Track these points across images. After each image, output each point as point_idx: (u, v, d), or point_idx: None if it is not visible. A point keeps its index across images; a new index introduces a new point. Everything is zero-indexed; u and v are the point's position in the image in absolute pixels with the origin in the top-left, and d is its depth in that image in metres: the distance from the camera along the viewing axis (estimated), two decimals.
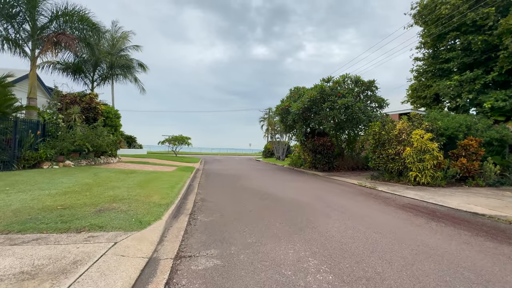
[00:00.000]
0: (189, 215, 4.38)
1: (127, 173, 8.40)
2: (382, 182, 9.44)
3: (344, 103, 11.76)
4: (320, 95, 12.39)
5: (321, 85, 12.58)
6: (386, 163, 9.41)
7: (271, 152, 29.85)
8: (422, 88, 13.50)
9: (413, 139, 8.49)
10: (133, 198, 4.59)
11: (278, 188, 7.69)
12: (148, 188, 5.69)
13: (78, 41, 10.51)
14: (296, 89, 15.09)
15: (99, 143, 10.14)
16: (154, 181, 6.95)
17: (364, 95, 13.66)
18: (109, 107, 12.18)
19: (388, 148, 9.28)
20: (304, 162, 15.33)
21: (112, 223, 3.27)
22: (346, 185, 8.97)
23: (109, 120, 11.78)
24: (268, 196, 6.20)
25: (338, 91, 12.60)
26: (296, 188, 7.90)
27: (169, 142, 22.06)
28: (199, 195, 6.20)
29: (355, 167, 14.28)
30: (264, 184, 8.40)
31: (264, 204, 5.32)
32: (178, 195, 5.47)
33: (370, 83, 13.00)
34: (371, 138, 10.18)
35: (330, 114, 12.06)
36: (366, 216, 4.55)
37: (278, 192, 6.81)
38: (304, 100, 12.52)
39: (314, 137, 13.69)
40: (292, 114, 13.44)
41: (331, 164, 13.73)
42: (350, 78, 13.47)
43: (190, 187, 7.38)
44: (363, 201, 5.99)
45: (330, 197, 6.42)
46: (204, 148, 57.89)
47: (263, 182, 8.95)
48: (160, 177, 7.94)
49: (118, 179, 6.73)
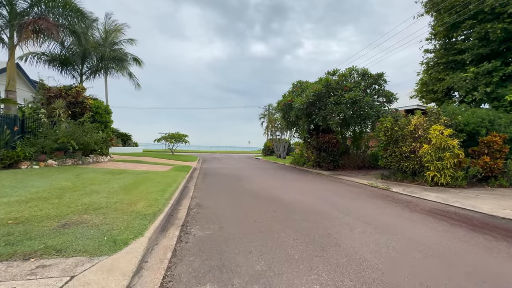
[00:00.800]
0: (181, 227, 3.57)
1: (115, 173, 7.56)
2: (394, 182, 8.70)
3: (351, 97, 10.95)
4: (325, 89, 11.58)
5: (326, 78, 11.76)
6: (399, 161, 8.66)
7: (271, 150, 29.07)
8: (433, 82, 12.71)
9: (431, 136, 7.72)
10: (113, 206, 3.77)
11: (283, 190, 6.90)
12: (134, 193, 4.87)
13: (63, 28, 9.58)
14: (299, 83, 14.26)
15: (86, 141, 9.27)
16: (144, 183, 6.13)
17: (372, 89, 12.86)
18: (99, 102, 11.30)
19: (402, 146, 8.52)
20: (308, 160, 14.56)
21: (75, 245, 2.46)
22: (356, 186, 8.21)
23: (98, 115, 10.89)
24: (273, 200, 5.41)
25: (344, 84, 11.79)
26: (303, 189, 7.12)
27: (166, 140, 21.19)
28: (194, 200, 5.40)
29: (361, 166, 13.54)
30: (267, 185, 7.61)
31: (270, 211, 4.53)
32: (170, 201, 4.66)
33: (379, 76, 12.20)
34: (382, 134, 9.41)
35: (336, 109, 11.26)
36: (394, 227, 3.77)
37: (284, 195, 6.02)
38: (308, 94, 11.70)
39: (319, 134, 12.90)
40: (295, 110, 12.63)
41: (336, 162, 12.97)
42: (356, 71, 12.65)
43: (185, 190, 6.58)
44: (383, 206, 5.22)
45: (344, 201, 5.64)
46: (202, 146, 57.00)
47: (266, 183, 8.16)
48: (151, 178, 7.12)
49: (102, 181, 5.90)
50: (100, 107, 11.05)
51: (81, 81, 13.20)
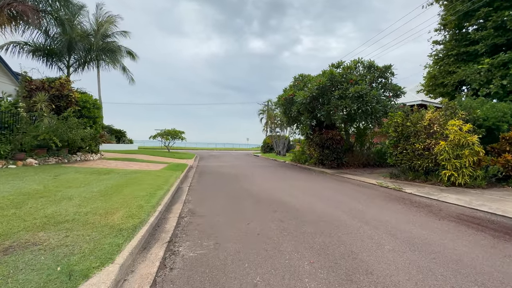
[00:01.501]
0: (167, 243, 2.88)
1: (100, 173, 6.82)
2: (405, 182, 8.07)
3: (357, 91, 10.25)
4: (330, 82, 10.86)
5: (331, 70, 11.03)
6: (411, 159, 8.01)
7: (270, 147, 28.39)
8: (442, 75, 12.04)
9: (448, 131, 7.07)
10: (82, 218, 3.05)
11: (287, 191, 6.22)
12: (116, 198, 4.15)
13: (44, 14, 8.71)
14: (301, 77, 13.51)
15: (72, 137, 8.48)
16: (131, 185, 5.41)
17: (378, 82, 12.17)
18: (87, 96, 10.48)
19: (415, 142, 7.86)
20: (310, 158, 13.90)
21: (10, 284, 1.75)
22: (365, 186, 7.56)
23: (86, 110, 10.07)
24: (277, 205, 4.72)
25: (349, 77, 11.07)
26: (309, 191, 6.45)
27: (161, 136, 20.39)
28: (187, 205, 4.70)
29: (366, 164, 12.90)
30: (269, 186, 6.93)
31: (275, 219, 3.85)
32: (158, 207, 3.95)
33: (386, 68, 11.49)
34: (391, 130, 8.74)
35: (341, 103, 10.56)
36: (428, 241, 3.11)
37: (289, 198, 5.34)
38: (311, 87, 10.97)
39: (322, 130, 12.22)
40: (297, 104, 11.91)
41: (340, 160, 12.31)
42: (362, 63, 11.93)
43: (177, 192, 5.87)
44: (403, 211, 4.56)
45: (357, 205, 4.97)
46: (200, 143, 56.13)
47: (268, 183, 7.48)
48: (141, 179, 6.40)
49: (81, 184, 5.17)
50: (88, 101, 10.23)
51: (68, 74, 12.31)
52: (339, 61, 11.85)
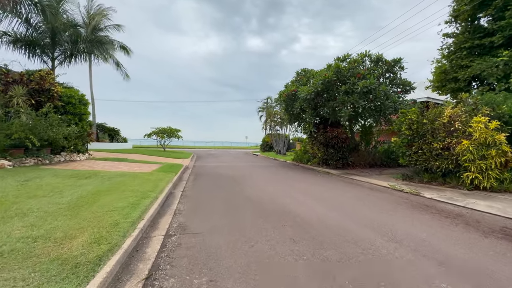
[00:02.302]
0: (144, 282, 2.09)
1: (81, 177, 6.00)
2: (420, 185, 7.36)
3: (365, 86, 9.50)
4: (336, 76, 10.09)
5: (337, 64, 10.25)
6: (427, 160, 7.30)
7: (269, 146, 27.63)
8: (454, 69, 11.33)
9: (472, 129, 6.35)
10: (27, 247, 2.24)
11: (294, 197, 5.46)
12: (86, 213, 3.34)
13: None
14: (304, 72, 12.72)
15: (52, 136, 7.63)
16: (112, 192, 4.60)
17: (386, 77, 11.43)
18: (72, 90, 9.59)
19: (432, 141, 7.14)
20: (313, 157, 13.16)
21: None
22: (378, 190, 6.83)
23: (70, 106, 9.19)
24: (286, 217, 3.96)
25: (357, 71, 10.31)
26: (318, 196, 5.69)
27: (156, 135, 19.51)
28: (178, 217, 3.92)
29: (373, 164, 12.19)
30: (272, 190, 6.16)
31: (286, 238, 3.09)
32: (138, 224, 3.17)
33: (395, 62, 10.75)
34: (405, 128, 8.02)
35: (347, 99, 9.80)
36: (498, 277, 2.36)
37: (298, 207, 4.58)
38: (316, 82, 10.19)
39: (327, 128, 11.46)
40: (300, 100, 11.13)
41: (345, 160, 11.59)
42: (369, 56, 11.17)
43: (168, 199, 5.07)
44: (437, 225, 3.81)
45: (378, 215, 4.22)
46: (198, 142, 55.20)
47: (270, 186, 6.71)
48: (126, 184, 5.59)
49: (51, 191, 4.35)
50: (73, 96, 9.34)
51: (52, 67, 11.38)
52: (345, 54, 11.07)
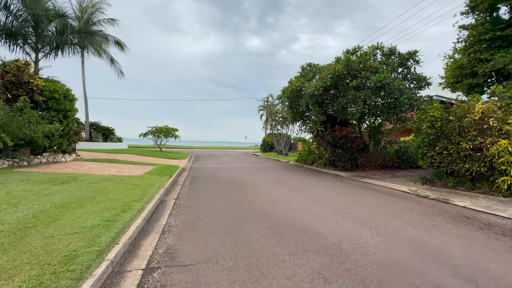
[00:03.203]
0: None
1: (56, 182, 5.11)
2: (445, 190, 6.54)
3: (379, 80, 8.66)
4: (346, 70, 9.24)
5: (347, 57, 9.40)
6: (454, 162, 6.46)
7: (270, 146, 26.78)
8: (472, 64, 10.52)
9: (510, 127, 5.52)
10: None
11: (309, 207, 4.60)
12: (33, 239, 2.47)
13: None
14: (310, 66, 11.88)
15: (29, 134, 6.73)
16: (86, 204, 3.72)
17: (399, 72, 10.61)
18: (56, 84, 8.69)
19: (460, 141, 6.31)
20: (318, 158, 12.31)
21: None
22: (400, 196, 5.99)
23: (53, 101, 8.27)
24: (305, 237, 3.10)
25: (369, 64, 9.47)
26: (337, 206, 4.84)
27: (152, 134, 18.60)
28: (166, 238, 3.05)
29: (383, 165, 11.36)
30: (282, 198, 5.30)
31: (313, 275, 2.24)
32: (107, 254, 2.30)
33: (410, 55, 9.92)
34: (426, 126, 7.19)
35: (359, 95, 8.96)
36: None
37: (318, 222, 3.72)
38: (324, 76, 9.34)
39: (335, 127, 10.62)
40: (306, 97, 10.28)
41: (355, 161, 10.75)
42: (382, 49, 10.34)
43: (157, 211, 4.20)
44: (503, 250, 2.97)
45: (422, 234, 3.38)
46: (196, 142, 54.23)
47: (278, 192, 5.84)
48: (108, 190, 4.71)
49: (9, 202, 3.47)
50: (57, 91, 8.42)
51: (36, 59, 10.44)
52: (356, 47, 10.22)
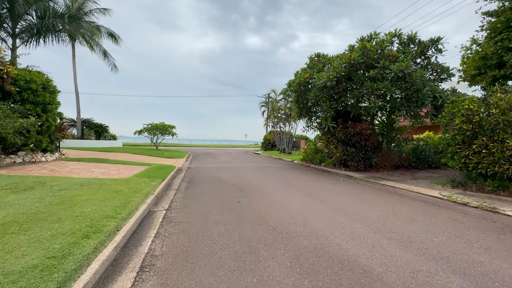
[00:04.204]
0: None
1: (17, 189, 4.10)
2: (483, 195, 5.59)
3: (400, 70, 7.67)
4: (363, 58, 8.22)
5: (363, 44, 8.38)
6: (497, 162, 5.49)
7: (271, 144, 25.80)
8: (499, 53, 9.50)
9: None
10: None
11: (335, 221, 3.62)
12: None
13: None
14: (318, 56, 10.85)
15: None
16: (33, 225, 2.72)
17: (417, 62, 9.61)
18: (34, 74, 7.64)
19: (506, 138, 5.33)
20: (327, 157, 11.32)
21: None
22: (435, 204, 5.02)
23: (30, 93, 7.22)
24: (351, 278, 2.11)
25: (388, 53, 8.47)
26: (367, 218, 3.85)
27: (148, 131, 17.54)
28: (146, 284, 2.04)
29: (399, 165, 10.40)
30: (299, 209, 4.31)
31: None
32: None
33: (433, 43, 8.92)
34: (459, 121, 6.20)
35: (376, 87, 7.95)
36: None
37: (356, 245, 2.74)
38: (337, 66, 8.31)
39: (347, 123, 9.62)
40: (316, 90, 9.28)
41: (368, 161, 9.77)
42: (400, 36, 9.31)
43: (140, 229, 3.19)
44: None
45: (501, 264, 2.39)
46: (195, 140, 53.10)
47: (294, 202, 4.85)
48: (78, 200, 3.70)
49: None
50: (34, 81, 7.37)
51: (13, 45, 9.35)
52: (372, 33, 9.19)
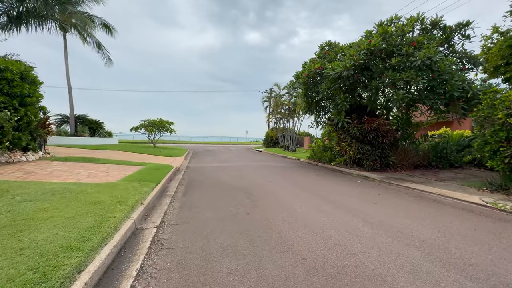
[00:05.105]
0: None
1: None
2: None
3: (428, 57, 6.72)
4: (383, 44, 7.26)
5: (383, 28, 7.41)
6: None
7: (274, 141, 24.88)
8: None
9: None
10: None
11: (386, 247, 2.73)
12: None
13: None
14: (329, 45, 9.87)
15: None
16: None
17: (442, 49, 8.63)
18: (10, 62, 6.69)
19: None
20: (338, 155, 10.41)
21: None
22: (481, 213, 4.13)
23: (3, 83, 6.24)
24: None
25: (411, 39, 7.50)
26: (427, 241, 2.97)
27: (145, 128, 16.60)
28: None
29: (418, 164, 9.51)
30: (329, 226, 3.42)
31: None
32: None
33: (461, 27, 7.93)
34: (502, 114, 5.29)
35: (399, 77, 7.00)
36: None
37: (418, 285, 1.85)
38: (355, 53, 7.35)
39: (362, 118, 8.70)
40: (327, 82, 8.34)
41: (385, 159, 8.88)
42: (422, 22, 8.31)
43: (116, 263, 2.29)
44: None
45: None
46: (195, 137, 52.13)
47: (319, 216, 3.96)
48: (37, 221, 2.81)
49: None
50: (10, 70, 6.42)
51: None
52: (393, 16, 8.17)
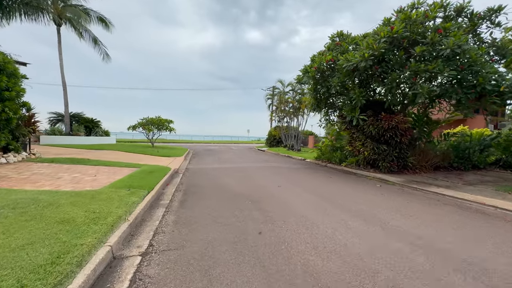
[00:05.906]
0: None
1: None
2: None
3: (457, 45, 5.92)
4: (408, 31, 6.44)
5: (406, 14, 6.59)
6: None
7: (277, 140, 24.08)
8: None
9: None
10: None
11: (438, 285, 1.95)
12: None
13: None
14: (340, 35, 9.05)
15: None
16: None
17: (470, 36, 7.81)
18: None
19: None
20: (350, 155, 9.62)
21: None
22: None
23: None
24: None
25: (436, 26, 6.69)
26: (484, 269, 2.18)
27: (143, 127, 15.85)
28: None
29: (438, 165, 8.73)
30: (360, 249, 2.64)
31: None
32: None
33: (491, 13, 7.11)
34: None
35: (425, 68, 6.19)
36: None
37: None
38: (374, 42, 6.54)
39: (379, 115, 7.91)
40: (341, 75, 7.54)
41: (403, 160, 8.10)
42: (446, 8, 7.48)
43: None
44: None
45: None
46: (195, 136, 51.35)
47: (343, 231, 3.19)
48: None
49: None
50: None
51: None
52: (415, 1, 7.33)
